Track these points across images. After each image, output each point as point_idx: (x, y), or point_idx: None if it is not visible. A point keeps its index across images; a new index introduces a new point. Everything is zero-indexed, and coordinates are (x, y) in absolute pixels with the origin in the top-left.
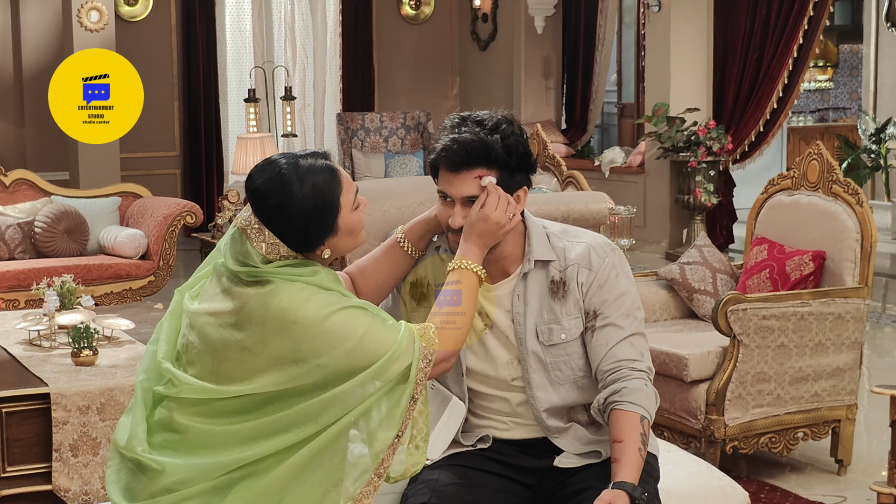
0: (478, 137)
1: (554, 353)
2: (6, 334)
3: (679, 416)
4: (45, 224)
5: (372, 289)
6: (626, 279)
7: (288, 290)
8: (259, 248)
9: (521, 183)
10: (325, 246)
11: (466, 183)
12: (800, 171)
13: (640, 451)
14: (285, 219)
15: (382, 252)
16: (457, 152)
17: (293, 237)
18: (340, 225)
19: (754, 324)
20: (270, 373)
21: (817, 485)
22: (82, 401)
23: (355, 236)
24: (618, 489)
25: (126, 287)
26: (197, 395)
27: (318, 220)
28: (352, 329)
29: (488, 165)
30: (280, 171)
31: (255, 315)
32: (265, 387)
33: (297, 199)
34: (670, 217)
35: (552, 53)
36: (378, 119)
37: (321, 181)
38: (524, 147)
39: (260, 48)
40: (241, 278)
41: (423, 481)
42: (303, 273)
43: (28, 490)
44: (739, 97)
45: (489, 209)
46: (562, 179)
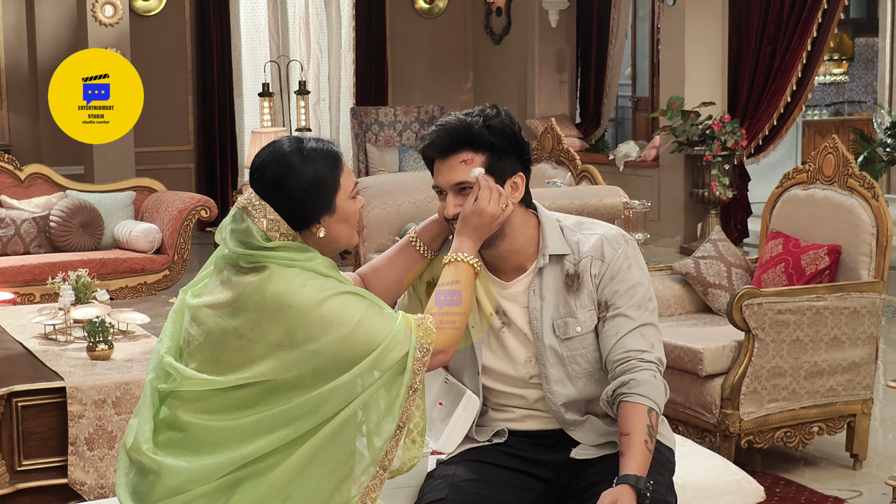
0: (459, 120)
1: (570, 347)
2: (22, 328)
3: (694, 411)
4: (60, 218)
5: (385, 287)
6: (638, 270)
7: (284, 276)
8: (260, 225)
9: (513, 169)
10: (322, 225)
11: (454, 170)
12: (815, 165)
13: (647, 443)
14: (284, 189)
15: (396, 252)
16: (441, 136)
17: (291, 211)
18: (338, 206)
19: (769, 318)
20: (267, 360)
21: (832, 479)
22: (98, 395)
23: (350, 226)
24: (622, 484)
25: (141, 281)
26: (197, 387)
27: (315, 193)
28: (348, 315)
29: (474, 148)
30: (282, 147)
31: (252, 301)
32: (262, 374)
33: (297, 170)
34: (685, 211)
35: (566, 47)
36: (392, 113)
37: (322, 157)
38: (510, 129)
39: (275, 42)
40: (241, 266)
41: (439, 477)
42: (299, 259)
43: (44, 483)
44: (753, 91)
45: (483, 202)
46: (576, 173)
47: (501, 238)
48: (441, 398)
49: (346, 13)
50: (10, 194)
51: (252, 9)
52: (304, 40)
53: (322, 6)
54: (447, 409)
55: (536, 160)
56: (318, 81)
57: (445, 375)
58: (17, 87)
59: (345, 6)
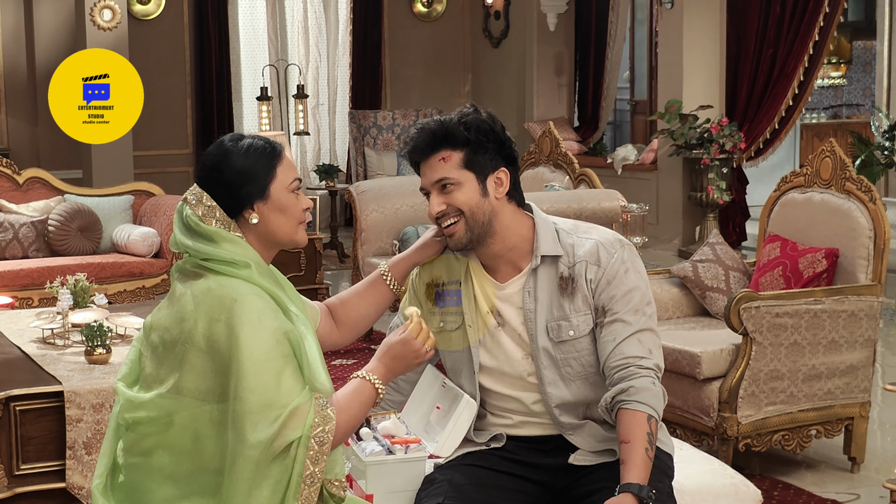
0: (436, 121)
1: (564, 350)
2: (20, 333)
3: (692, 414)
4: (59, 223)
5: (352, 320)
6: (635, 274)
7: (229, 284)
8: (196, 210)
9: (494, 164)
10: (255, 211)
11: (433, 168)
12: (813, 169)
13: (648, 450)
14: (218, 172)
15: (366, 286)
16: (421, 137)
17: (225, 195)
18: (272, 194)
19: (767, 321)
20: (187, 362)
21: (830, 482)
22: (96, 399)
23: (289, 219)
24: (624, 493)
25: (139, 285)
26: (125, 409)
27: (248, 177)
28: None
29: (451, 145)
30: (224, 140)
31: (187, 302)
32: (168, 393)
33: (232, 155)
34: (683, 214)
35: (564, 50)
36: (390, 117)
37: (259, 147)
38: (487, 125)
39: (273, 46)
40: (186, 271)
41: (437, 481)
42: (238, 273)
43: (42, 488)
44: (753, 94)
45: (410, 335)
46: (574, 177)
47: (491, 235)
48: (438, 402)
49: (343, 17)
50: (9, 198)
51: (250, 13)
52: (302, 44)
53: (321, 10)
54: (444, 412)
55: (534, 164)
56: (316, 85)
57: (443, 379)
58: (15, 90)
59: (342, 10)
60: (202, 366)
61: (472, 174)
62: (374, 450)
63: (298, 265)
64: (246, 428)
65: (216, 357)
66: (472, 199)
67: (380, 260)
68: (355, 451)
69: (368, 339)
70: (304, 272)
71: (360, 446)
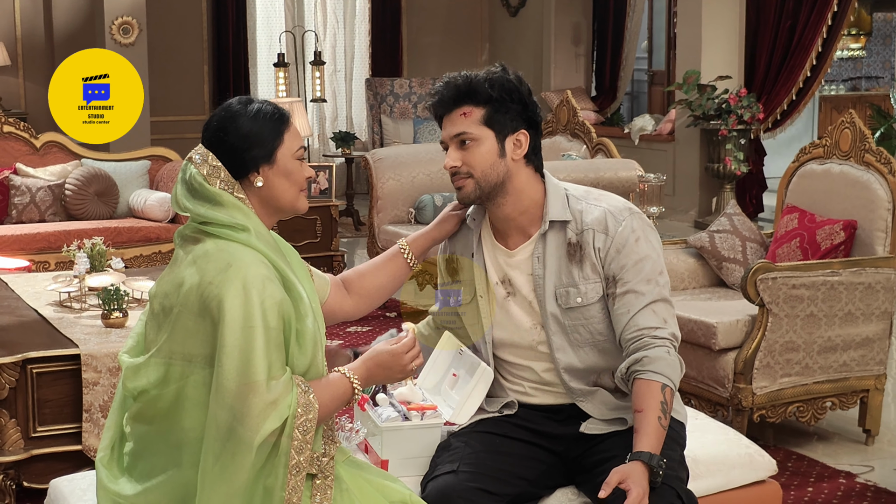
0: (463, 76)
1: (572, 317)
2: (37, 296)
3: (707, 385)
4: (76, 187)
5: (367, 290)
6: (646, 243)
7: (228, 248)
8: (202, 170)
9: (514, 125)
10: (260, 175)
11: (454, 122)
12: (832, 140)
13: (661, 419)
14: (225, 134)
15: (384, 260)
16: (445, 91)
17: (231, 157)
18: (279, 158)
19: (784, 293)
20: (179, 323)
21: (845, 454)
22: (112, 362)
23: (292, 185)
24: (634, 461)
25: (156, 250)
26: (127, 379)
27: (255, 140)
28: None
29: (474, 101)
30: (231, 102)
31: (186, 266)
32: (157, 354)
33: (240, 117)
34: (700, 185)
35: (582, 20)
36: (407, 85)
37: (267, 111)
38: (512, 85)
39: (290, 12)
40: (186, 236)
41: (452, 447)
42: (236, 236)
43: (58, 450)
44: (772, 65)
45: (402, 349)
46: (591, 146)
47: (503, 195)
48: (455, 369)
49: None
50: (26, 162)
51: None
52: (319, 10)
53: None
54: (461, 380)
55: (552, 133)
56: (333, 52)
57: (460, 346)
58: (33, 55)
59: None
60: (194, 328)
61: (491, 132)
62: (390, 416)
63: (314, 232)
64: (221, 396)
65: (207, 320)
66: (486, 159)
67: (396, 228)
68: (371, 417)
69: (384, 307)
70: (320, 239)
71: (377, 412)
